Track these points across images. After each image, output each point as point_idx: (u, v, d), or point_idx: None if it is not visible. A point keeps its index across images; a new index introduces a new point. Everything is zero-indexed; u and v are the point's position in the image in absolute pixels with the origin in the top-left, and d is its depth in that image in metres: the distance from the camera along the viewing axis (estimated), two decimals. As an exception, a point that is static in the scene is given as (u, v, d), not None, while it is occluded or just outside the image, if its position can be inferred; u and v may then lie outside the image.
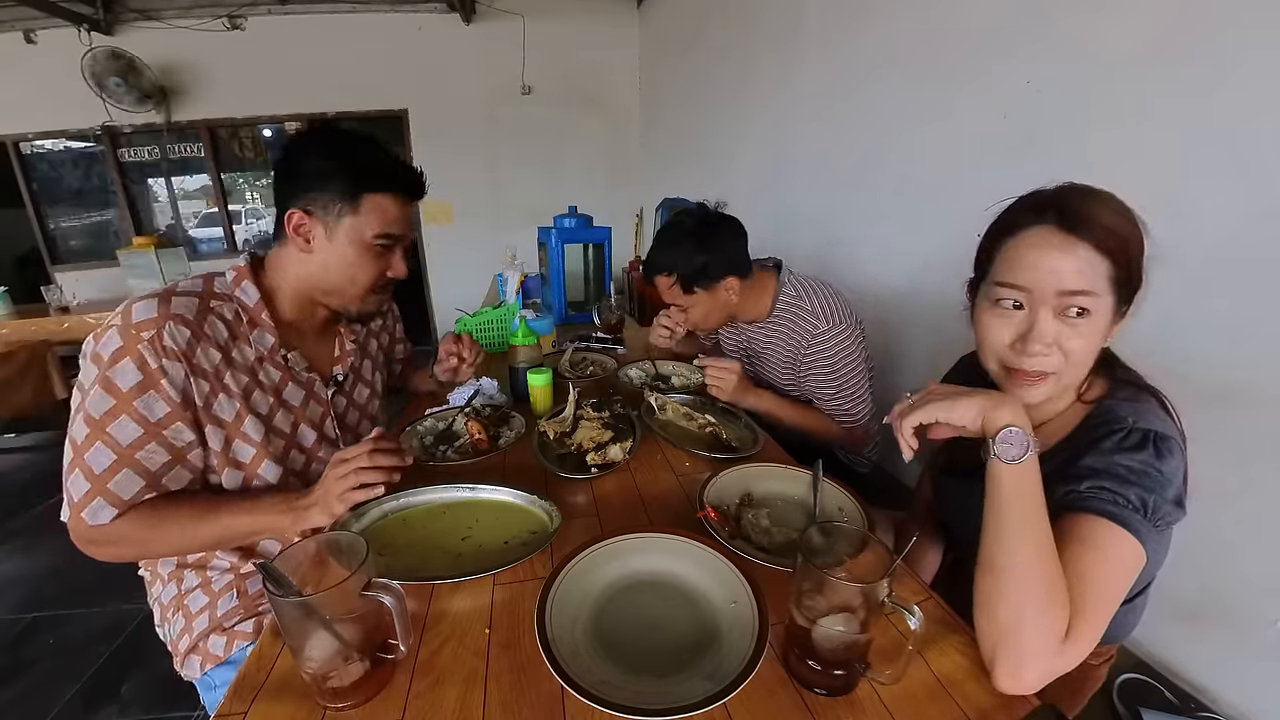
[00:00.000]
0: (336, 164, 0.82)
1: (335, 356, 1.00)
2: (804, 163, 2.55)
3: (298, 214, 0.83)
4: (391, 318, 1.24)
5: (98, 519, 0.72)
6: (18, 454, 3.09)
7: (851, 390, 1.26)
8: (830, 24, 2.29)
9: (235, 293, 0.86)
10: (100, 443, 0.72)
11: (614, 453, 0.95)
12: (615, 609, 0.64)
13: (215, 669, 0.84)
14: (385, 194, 0.85)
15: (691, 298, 1.25)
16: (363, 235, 0.85)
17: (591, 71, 4.69)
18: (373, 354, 1.12)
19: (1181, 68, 1.15)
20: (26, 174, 4.43)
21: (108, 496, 0.72)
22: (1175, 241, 1.13)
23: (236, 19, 4.19)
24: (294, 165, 0.84)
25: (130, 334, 0.73)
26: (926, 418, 0.61)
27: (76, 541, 0.75)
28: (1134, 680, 1.19)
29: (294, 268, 0.88)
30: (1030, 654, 0.51)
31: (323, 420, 0.96)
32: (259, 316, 0.86)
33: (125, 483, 0.73)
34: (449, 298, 4.82)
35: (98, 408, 0.72)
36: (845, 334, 1.24)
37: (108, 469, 0.72)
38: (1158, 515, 0.56)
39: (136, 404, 0.73)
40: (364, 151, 0.85)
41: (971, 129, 1.66)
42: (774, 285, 1.31)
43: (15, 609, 1.87)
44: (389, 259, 0.90)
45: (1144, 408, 0.61)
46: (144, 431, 0.74)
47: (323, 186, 0.82)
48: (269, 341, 0.87)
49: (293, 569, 0.54)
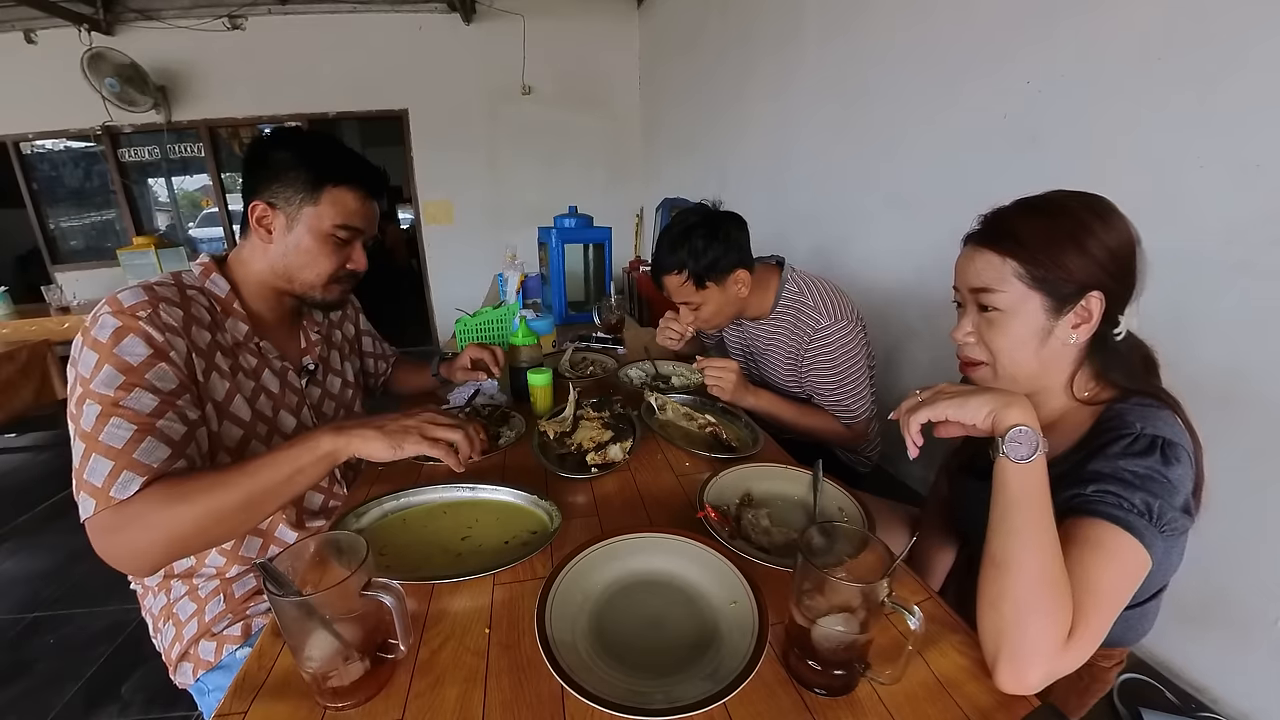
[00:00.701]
0: (299, 158, 0.85)
1: (302, 348, 1.02)
2: (804, 162, 2.55)
3: (260, 205, 0.86)
4: (352, 309, 1.24)
5: (127, 491, 0.66)
6: (18, 454, 3.09)
7: (852, 386, 1.26)
8: (830, 23, 2.29)
9: (205, 284, 0.87)
10: (117, 417, 0.68)
11: (614, 453, 0.95)
12: (615, 609, 0.64)
13: (207, 674, 0.84)
14: (345, 188, 0.88)
15: (704, 294, 1.24)
16: (322, 225, 0.87)
17: (591, 71, 4.69)
18: (338, 344, 1.14)
19: (1182, 67, 1.14)
20: (27, 174, 4.44)
21: (134, 467, 0.67)
22: (1178, 242, 1.15)
23: (236, 19, 4.19)
24: (258, 161, 0.86)
25: (127, 315, 0.73)
26: (936, 415, 0.61)
27: (101, 536, 0.67)
28: (1135, 680, 1.19)
29: (257, 260, 0.90)
30: (1034, 654, 0.51)
31: (299, 409, 0.97)
32: (231, 306, 0.88)
33: (150, 450, 0.68)
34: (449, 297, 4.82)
35: (108, 384, 0.69)
36: (847, 330, 1.24)
37: (130, 440, 0.68)
38: (1163, 521, 0.56)
39: (149, 375, 0.71)
40: (326, 148, 0.88)
41: (971, 129, 1.66)
42: (777, 282, 1.32)
43: (15, 609, 1.87)
44: (349, 251, 0.92)
45: (1155, 414, 0.61)
46: (160, 400, 0.71)
47: (285, 180, 0.85)
48: (243, 329, 0.89)
49: (292, 569, 0.54)
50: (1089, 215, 0.63)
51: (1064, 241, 0.62)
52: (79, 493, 0.67)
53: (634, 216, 5.05)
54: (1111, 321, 0.65)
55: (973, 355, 0.71)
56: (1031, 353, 0.67)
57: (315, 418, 1.01)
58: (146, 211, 4.70)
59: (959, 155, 1.72)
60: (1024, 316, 0.65)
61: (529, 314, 1.87)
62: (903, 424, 0.64)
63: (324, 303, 0.95)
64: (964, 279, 0.70)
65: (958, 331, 0.72)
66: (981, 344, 0.70)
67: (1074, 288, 0.63)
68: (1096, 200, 0.65)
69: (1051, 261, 0.63)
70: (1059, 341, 0.66)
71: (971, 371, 0.73)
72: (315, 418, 1.01)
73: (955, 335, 0.73)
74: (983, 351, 0.70)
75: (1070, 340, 0.65)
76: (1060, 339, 0.66)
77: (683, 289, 1.25)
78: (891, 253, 2.06)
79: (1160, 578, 0.68)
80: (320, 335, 1.06)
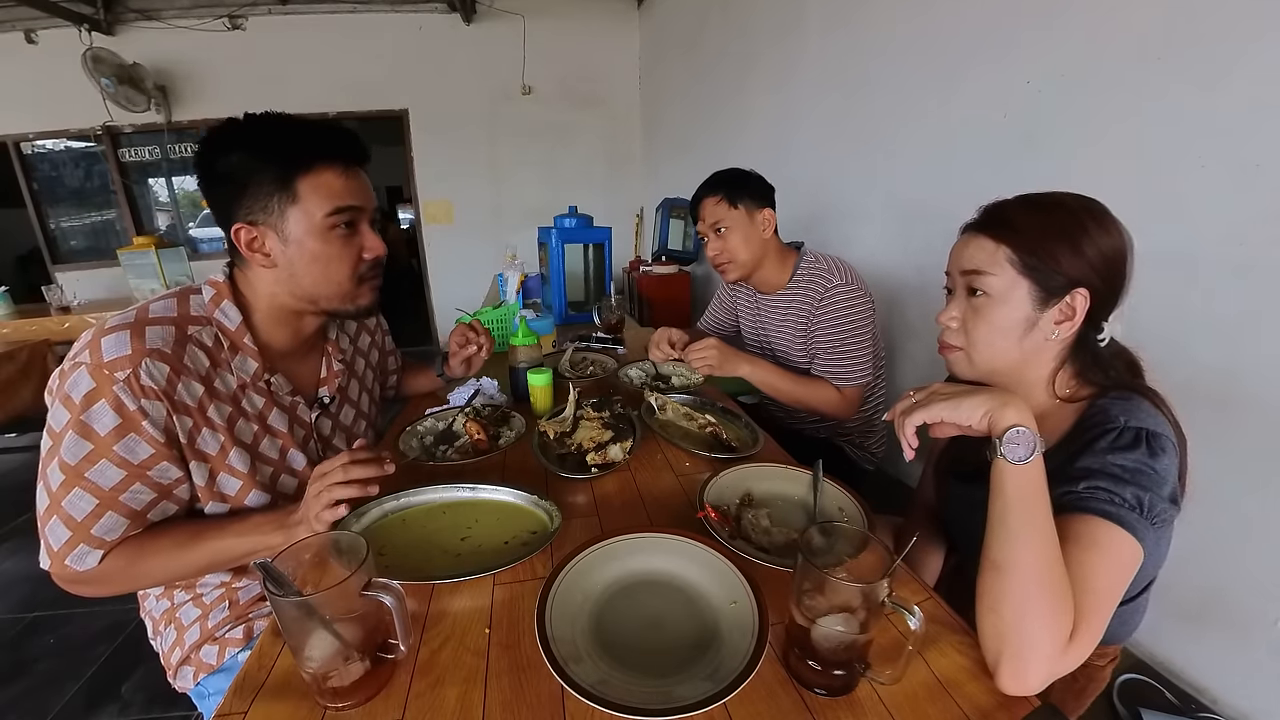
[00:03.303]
0: (255, 157, 0.73)
1: (321, 378, 0.94)
2: (805, 161, 2.55)
3: (243, 229, 0.75)
4: (380, 331, 1.17)
5: (84, 564, 0.69)
6: (18, 454, 3.09)
7: (854, 348, 1.28)
8: (830, 23, 2.29)
9: (215, 314, 0.79)
10: (79, 489, 0.68)
11: (614, 453, 0.95)
12: (615, 609, 0.64)
13: (208, 677, 0.83)
14: (320, 168, 0.75)
15: (734, 214, 1.32)
16: (314, 221, 0.76)
17: (591, 71, 4.69)
18: (360, 374, 1.06)
19: (1182, 66, 1.14)
20: (27, 174, 4.43)
21: (91, 541, 0.69)
22: (1177, 242, 1.15)
23: (237, 19, 4.19)
24: (213, 176, 0.75)
25: (103, 374, 0.67)
26: (931, 417, 0.61)
27: (60, 584, 0.73)
28: (1134, 680, 1.19)
29: (265, 286, 0.80)
30: (1036, 654, 0.51)
31: (306, 443, 0.90)
32: (241, 341, 0.80)
33: (109, 525, 0.69)
34: (449, 298, 4.82)
35: (74, 454, 0.67)
36: (857, 295, 1.29)
37: (89, 514, 0.68)
38: (1154, 513, 0.57)
39: (117, 448, 0.68)
40: (279, 133, 0.75)
41: (971, 128, 1.66)
42: (795, 259, 1.39)
43: (15, 609, 1.88)
44: (358, 239, 0.81)
45: (1136, 406, 0.62)
46: (126, 474, 0.70)
47: (253, 189, 0.74)
48: (251, 367, 0.81)
49: (293, 569, 0.54)
50: (1086, 215, 0.64)
51: (1058, 235, 0.64)
52: (39, 537, 0.70)
53: (634, 216, 5.05)
54: (1095, 324, 0.66)
55: (953, 340, 0.72)
56: (1014, 341, 0.67)
57: (322, 451, 0.93)
58: (147, 211, 4.69)
59: (959, 154, 1.72)
60: (1011, 303, 0.66)
61: (529, 314, 1.87)
62: (897, 426, 0.64)
63: (359, 310, 0.85)
64: (957, 262, 0.71)
65: (944, 314, 0.73)
66: (963, 330, 0.71)
67: (1062, 281, 0.64)
68: (1095, 204, 0.66)
69: (1044, 251, 0.64)
70: (1041, 335, 0.66)
71: (949, 354, 0.74)
72: (322, 451, 0.93)
73: (941, 318, 0.73)
74: (964, 337, 0.71)
75: (1052, 335, 0.66)
76: (1043, 332, 0.66)
77: (716, 208, 1.33)
78: (892, 250, 2.06)
79: (1150, 570, 0.68)
80: (344, 364, 0.98)
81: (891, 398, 0.75)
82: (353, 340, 1.06)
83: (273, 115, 0.77)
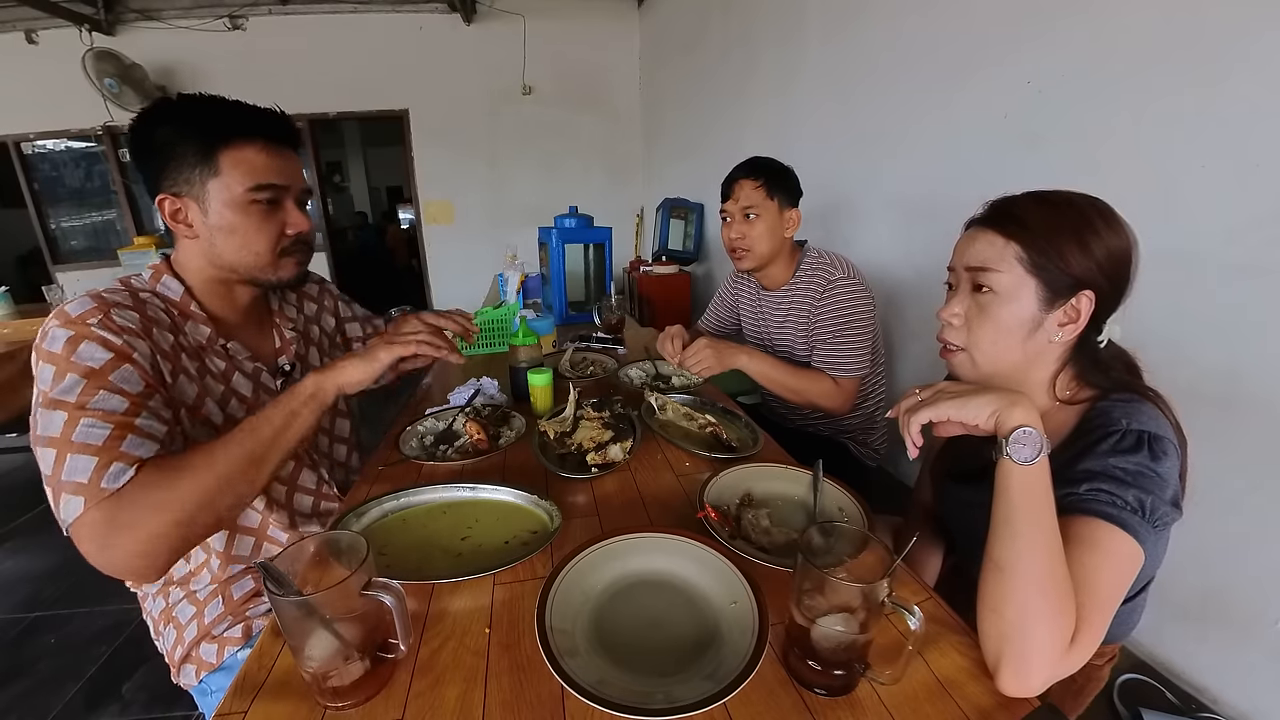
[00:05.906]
0: (179, 130, 0.75)
1: (276, 348, 0.94)
2: (805, 161, 2.55)
3: (168, 200, 0.77)
4: (330, 298, 1.15)
5: (119, 480, 0.61)
6: (18, 454, 3.09)
7: (853, 340, 1.28)
8: (832, 23, 2.29)
9: (156, 288, 0.80)
10: (88, 418, 0.63)
11: (614, 453, 0.95)
12: (615, 609, 0.64)
13: (209, 675, 0.84)
14: (243, 144, 0.77)
15: (767, 205, 1.31)
16: (233, 194, 0.77)
17: (591, 71, 4.70)
18: (316, 340, 1.05)
19: (1182, 67, 1.14)
20: (28, 174, 4.44)
21: (123, 458, 0.62)
22: (1178, 242, 1.15)
23: (237, 19, 4.20)
24: (143, 148, 0.77)
25: (78, 324, 0.66)
26: (937, 415, 0.60)
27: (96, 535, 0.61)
28: (1134, 680, 1.19)
29: (193, 259, 0.82)
30: (1038, 656, 0.51)
31: None
32: (188, 308, 0.81)
33: (136, 444, 0.64)
34: (449, 298, 4.82)
35: (70, 391, 0.63)
36: (859, 289, 1.30)
37: (110, 436, 0.63)
38: (1155, 516, 0.57)
39: (113, 378, 0.65)
40: (205, 108, 0.78)
41: (972, 128, 1.66)
42: (799, 256, 1.40)
43: (16, 609, 1.88)
44: (280, 214, 0.82)
45: (1137, 408, 0.62)
46: (130, 403, 0.66)
47: (177, 160, 0.75)
48: (205, 332, 0.82)
49: (293, 568, 0.54)
50: (1094, 214, 0.64)
51: (1068, 233, 0.63)
52: (58, 497, 0.61)
53: (634, 216, 5.05)
54: (1096, 326, 0.65)
55: (955, 339, 0.70)
56: (1017, 342, 0.66)
57: None
58: (147, 211, 4.70)
59: (960, 155, 1.72)
60: (1017, 302, 0.65)
61: (529, 314, 1.87)
62: (902, 423, 0.63)
63: (281, 282, 0.86)
64: (962, 258, 0.69)
65: (945, 310, 0.71)
66: (966, 328, 0.69)
67: (1069, 281, 0.63)
68: (1102, 203, 0.65)
69: (1054, 250, 0.63)
70: (1045, 337, 0.66)
71: (950, 356, 0.72)
72: None
73: (942, 313, 0.71)
74: (966, 336, 0.69)
75: (1055, 338, 0.66)
76: (1047, 334, 0.66)
77: (754, 192, 1.32)
78: (892, 250, 2.06)
79: (1149, 570, 0.68)
80: (296, 332, 0.99)
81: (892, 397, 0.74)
82: (299, 309, 1.05)
83: (203, 95, 0.79)
